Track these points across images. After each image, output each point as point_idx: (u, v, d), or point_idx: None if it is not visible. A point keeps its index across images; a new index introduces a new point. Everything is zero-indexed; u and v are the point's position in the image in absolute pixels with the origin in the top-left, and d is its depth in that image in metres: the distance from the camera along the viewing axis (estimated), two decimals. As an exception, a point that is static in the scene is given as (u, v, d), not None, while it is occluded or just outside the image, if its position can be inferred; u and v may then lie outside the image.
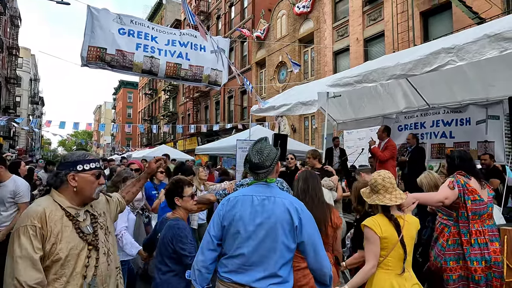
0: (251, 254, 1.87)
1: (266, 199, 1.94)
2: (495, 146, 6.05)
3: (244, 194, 2.00)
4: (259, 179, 2.01)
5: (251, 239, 1.88)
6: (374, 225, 2.26)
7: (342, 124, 9.08)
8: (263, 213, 1.90)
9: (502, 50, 3.40)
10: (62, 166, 1.78)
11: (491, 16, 8.67)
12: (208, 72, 6.10)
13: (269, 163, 1.97)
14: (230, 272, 1.90)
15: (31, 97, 44.43)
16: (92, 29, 5.14)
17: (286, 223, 1.88)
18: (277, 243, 1.87)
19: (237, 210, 1.94)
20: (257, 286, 1.84)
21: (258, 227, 1.89)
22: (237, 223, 1.91)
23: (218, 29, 25.92)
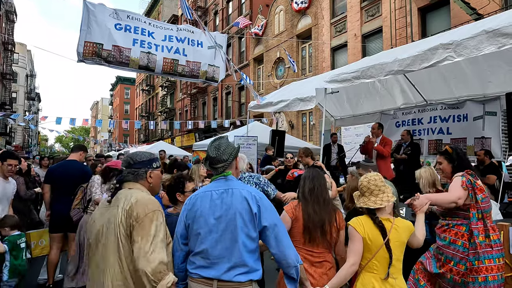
0: (214, 248, 1.90)
1: (224, 192, 1.97)
2: (492, 142, 6.08)
3: (204, 191, 2.04)
4: (218, 174, 2.05)
5: (212, 233, 1.91)
6: (357, 225, 2.25)
7: (340, 120, 9.08)
8: (222, 206, 1.93)
9: (500, 46, 3.39)
10: (139, 164, 1.97)
11: (489, 12, 8.66)
12: (205, 68, 6.08)
13: (226, 157, 2.03)
14: (198, 268, 1.93)
15: (27, 93, 44.14)
16: (88, 25, 5.09)
17: (246, 212, 1.90)
18: (238, 233, 1.88)
19: (197, 207, 1.98)
20: (225, 278, 1.86)
21: (217, 220, 1.92)
22: (198, 220, 1.95)
23: (215, 25, 25.78)
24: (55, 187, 4.31)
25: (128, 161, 1.98)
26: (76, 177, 4.26)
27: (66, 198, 4.17)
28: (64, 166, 4.43)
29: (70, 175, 4.26)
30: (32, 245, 4.57)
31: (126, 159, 2.01)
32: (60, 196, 4.24)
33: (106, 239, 1.79)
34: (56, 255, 4.26)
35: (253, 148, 8.54)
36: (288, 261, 1.92)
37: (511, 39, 3.32)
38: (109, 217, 1.82)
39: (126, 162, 1.98)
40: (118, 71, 68.07)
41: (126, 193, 1.86)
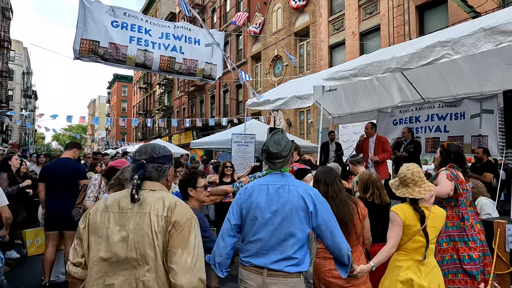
0: (268, 239, 2.01)
1: (281, 187, 2.06)
2: (489, 140, 6.08)
3: (260, 183, 2.12)
4: (275, 169, 2.12)
5: (268, 225, 2.02)
6: (399, 211, 2.47)
7: (338, 118, 9.08)
8: (279, 200, 2.02)
9: (498, 44, 3.39)
10: (163, 158, 1.70)
11: (486, 10, 8.67)
12: (203, 66, 6.06)
13: (285, 153, 2.10)
14: (250, 256, 2.05)
15: (23, 91, 43.89)
16: (84, 22, 5.06)
17: (301, 210, 2.00)
18: (293, 228, 1.99)
19: (253, 198, 2.06)
20: (274, 267, 1.98)
21: (273, 214, 2.01)
22: (255, 211, 2.05)
23: (213, 23, 25.70)
24: (50, 186, 4.28)
25: (150, 154, 1.66)
26: (69, 175, 4.23)
27: (61, 196, 4.14)
28: (57, 164, 4.39)
29: (64, 173, 4.23)
30: (28, 244, 4.55)
31: (146, 150, 1.68)
32: (54, 194, 4.22)
33: (139, 253, 1.50)
34: (51, 253, 4.24)
35: (250, 146, 8.53)
36: (341, 251, 2.06)
37: (508, 36, 3.32)
38: (138, 225, 1.51)
39: (148, 154, 1.66)
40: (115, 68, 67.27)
41: (154, 196, 1.58)
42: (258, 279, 2.01)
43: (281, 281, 1.99)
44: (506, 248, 2.90)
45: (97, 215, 1.58)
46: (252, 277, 2.03)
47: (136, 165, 1.62)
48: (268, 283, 1.99)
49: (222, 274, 2.10)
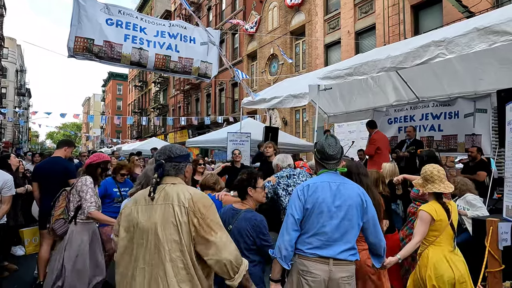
0: (334, 231, 2.21)
1: (340, 184, 2.30)
2: (482, 139, 6.14)
3: (321, 181, 2.31)
4: (330, 169, 2.36)
5: (333, 219, 2.22)
6: (431, 210, 2.69)
7: (333, 117, 9.11)
8: (341, 196, 2.25)
9: (491, 44, 3.42)
10: (180, 158, 1.91)
11: (480, 10, 8.73)
12: (198, 65, 6.04)
13: (339, 155, 2.37)
14: (315, 248, 2.22)
15: (17, 89, 43.46)
16: (79, 19, 5.01)
17: (358, 205, 2.26)
18: (353, 221, 2.25)
19: (318, 194, 2.25)
20: (340, 257, 2.21)
21: (337, 208, 2.23)
22: (321, 205, 2.23)
23: (208, 21, 25.62)
24: (42, 185, 4.24)
25: (168, 154, 1.89)
26: (59, 174, 4.16)
27: (52, 195, 4.05)
28: (48, 163, 4.34)
29: (55, 172, 4.17)
30: (26, 243, 4.53)
31: (164, 152, 1.91)
32: (47, 193, 4.14)
33: (164, 237, 1.70)
34: (46, 251, 4.20)
35: (246, 144, 8.53)
36: (381, 243, 2.34)
37: (501, 36, 3.35)
38: (164, 215, 1.72)
39: (165, 155, 1.89)
40: (110, 66, 66.60)
41: (175, 189, 1.80)
42: (325, 268, 2.19)
43: (345, 268, 2.23)
44: (498, 246, 2.92)
45: (127, 210, 1.83)
46: (318, 267, 2.20)
47: (157, 165, 1.86)
48: (334, 272, 2.20)
49: (288, 266, 2.24)
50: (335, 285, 2.20)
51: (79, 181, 3.29)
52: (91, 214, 3.18)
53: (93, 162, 3.40)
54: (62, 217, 3.25)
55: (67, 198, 3.31)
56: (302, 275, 2.23)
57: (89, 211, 3.17)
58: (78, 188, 3.27)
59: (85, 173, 3.40)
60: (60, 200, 3.33)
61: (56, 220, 3.25)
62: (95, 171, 3.43)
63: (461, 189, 4.26)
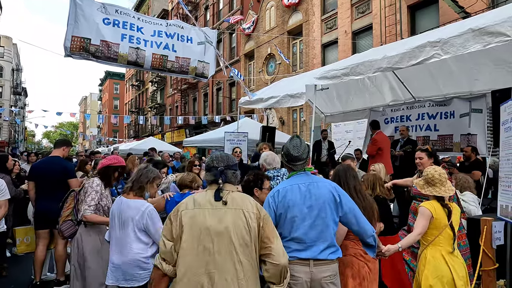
0: (308, 233, 2.23)
1: (310, 184, 2.30)
2: (477, 139, 6.19)
3: (289, 184, 2.33)
4: (298, 170, 2.38)
5: (306, 220, 2.24)
6: (430, 207, 2.75)
7: (330, 117, 9.14)
8: (311, 196, 2.26)
9: (486, 44, 3.45)
10: (235, 166, 2.02)
11: (476, 10, 8.78)
12: (195, 64, 6.05)
13: (305, 156, 2.38)
14: (294, 251, 2.23)
15: (13, 88, 43.18)
16: (75, 19, 5.01)
17: (332, 201, 2.27)
18: (328, 219, 2.25)
19: (288, 198, 2.27)
20: (320, 257, 2.22)
21: (309, 209, 2.24)
22: (292, 209, 2.25)
23: (206, 20, 25.59)
24: (39, 184, 4.21)
25: (227, 162, 1.98)
26: (58, 174, 4.15)
27: (50, 195, 4.06)
28: (46, 163, 4.33)
29: (53, 172, 4.15)
30: (18, 242, 4.49)
31: (222, 159, 1.99)
32: (43, 193, 4.16)
33: (236, 241, 1.78)
34: (42, 252, 4.19)
35: (243, 144, 8.54)
36: (367, 232, 2.33)
37: (496, 37, 3.38)
38: (235, 220, 1.80)
39: (224, 162, 1.97)
40: (106, 66, 66.41)
41: (240, 196, 1.93)
42: (305, 269, 2.21)
43: (326, 268, 2.24)
44: (492, 245, 2.96)
45: (190, 212, 1.84)
46: (299, 269, 2.22)
47: (218, 172, 1.93)
48: (315, 272, 2.21)
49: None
50: (318, 285, 2.22)
51: (87, 184, 3.20)
52: (85, 218, 3.08)
53: (112, 164, 3.25)
54: (70, 219, 3.16)
55: (76, 199, 3.21)
56: None
57: (84, 214, 3.07)
58: (85, 189, 3.19)
59: (97, 174, 3.28)
60: (68, 201, 3.23)
61: (64, 221, 3.16)
62: (112, 174, 3.27)
63: (463, 186, 4.24)
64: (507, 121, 3.25)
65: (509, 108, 3.24)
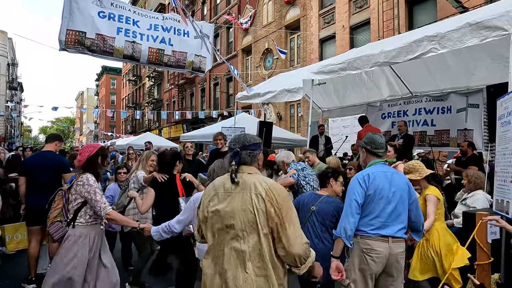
0: (391, 214, 2.57)
1: (393, 174, 2.68)
2: (474, 134, 6.21)
3: (377, 171, 2.66)
4: (380, 160, 2.73)
5: (391, 203, 2.58)
6: (435, 192, 3.28)
7: (327, 112, 9.13)
8: (395, 184, 2.62)
9: (483, 39, 3.45)
10: (253, 146, 1.93)
11: (474, 5, 8.76)
12: (192, 59, 6.00)
13: (385, 145, 2.81)
14: (377, 229, 2.56)
15: (9, 83, 42.81)
16: (70, 12, 4.95)
17: (406, 190, 2.66)
18: (405, 205, 2.64)
19: (378, 182, 2.59)
20: (397, 235, 2.58)
21: (393, 194, 2.59)
22: (381, 192, 2.58)
23: (203, 15, 25.42)
24: (31, 179, 4.13)
25: (242, 143, 1.91)
26: (52, 168, 4.10)
27: (43, 190, 3.93)
28: (38, 158, 4.25)
29: (46, 166, 4.09)
30: (7, 239, 4.32)
31: (238, 140, 1.93)
32: (36, 188, 4.07)
33: (242, 223, 1.77)
34: (35, 248, 4.12)
35: (240, 139, 8.52)
36: (421, 220, 2.74)
37: (493, 32, 3.37)
38: (242, 202, 1.78)
39: (239, 143, 1.90)
40: (103, 60, 65.61)
41: (252, 178, 1.84)
42: (385, 245, 2.55)
43: (400, 245, 2.62)
44: (487, 239, 2.97)
45: (208, 197, 1.91)
46: (381, 244, 2.55)
47: (233, 153, 1.89)
48: (393, 248, 2.57)
49: (350, 244, 2.57)
50: (394, 259, 2.58)
51: (80, 182, 2.84)
52: (109, 215, 2.82)
53: (91, 154, 2.93)
54: (59, 220, 2.82)
55: (64, 198, 2.86)
56: (366, 253, 2.58)
57: (106, 213, 2.80)
58: (80, 188, 2.82)
59: (83, 172, 2.92)
60: (56, 201, 2.88)
61: (52, 222, 2.81)
62: (95, 163, 2.96)
63: (475, 183, 4.11)
64: (504, 116, 3.25)
65: (505, 103, 3.24)
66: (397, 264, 2.61)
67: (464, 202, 4.15)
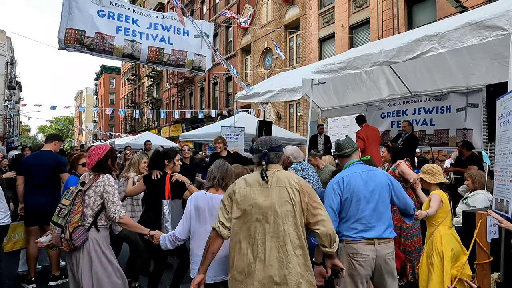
0: (372, 214, 2.53)
1: (369, 172, 2.65)
2: (473, 134, 6.21)
3: (351, 172, 2.64)
4: (353, 160, 2.75)
5: (370, 203, 2.54)
6: (440, 194, 3.26)
7: (327, 111, 9.13)
8: (372, 182, 2.59)
9: (483, 38, 3.44)
10: (278, 147, 2.23)
11: (473, 5, 8.76)
12: (192, 57, 5.99)
13: (352, 144, 2.81)
14: (360, 232, 2.52)
15: (7, 82, 42.70)
16: (69, 10, 4.94)
17: (387, 186, 2.62)
18: (386, 202, 2.60)
19: (353, 184, 2.57)
20: (384, 236, 2.53)
21: (372, 193, 2.56)
22: (358, 193, 2.55)
23: (202, 14, 25.38)
24: (29, 179, 4.10)
25: (269, 145, 2.20)
26: (50, 168, 4.07)
27: (41, 190, 3.99)
28: (37, 157, 4.21)
29: (44, 166, 4.07)
30: (5, 240, 4.25)
31: (265, 143, 2.21)
32: (34, 187, 4.05)
33: (282, 213, 2.04)
34: (34, 248, 4.08)
35: (240, 139, 8.52)
36: (410, 205, 2.71)
37: (493, 31, 3.37)
38: (280, 196, 2.06)
39: (267, 145, 2.19)
40: (102, 59, 65.41)
41: (283, 174, 2.15)
42: (371, 248, 2.51)
43: (388, 245, 2.56)
44: (487, 238, 2.98)
45: (242, 191, 2.11)
46: (366, 248, 2.51)
47: (262, 154, 2.17)
48: (380, 250, 2.52)
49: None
50: (382, 261, 2.54)
51: (100, 182, 2.74)
52: (122, 219, 2.71)
53: (100, 157, 2.79)
54: (80, 224, 2.66)
55: (83, 201, 2.72)
56: (352, 258, 2.54)
57: (120, 216, 2.70)
58: (101, 189, 2.72)
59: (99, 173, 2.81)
60: (76, 204, 2.69)
61: (74, 228, 2.61)
62: (106, 166, 2.83)
63: (480, 182, 4.16)
64: (503, 115, 3.25)
65: (505, 102, 3.24)
66: (386, 265, 2.55)
67: (465, 201, 4.17)
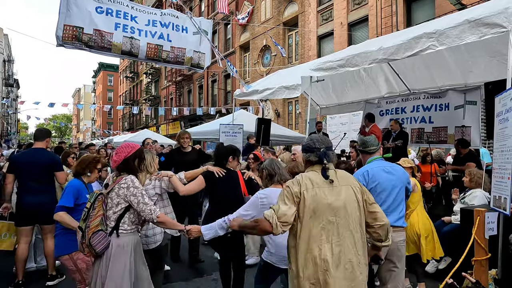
0: (391, 204, 2.85)
1: (390, 167, 2.96)
2: (471, 131, 6.23)
3: (375, 166, 2.93)
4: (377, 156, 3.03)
5: (390, 195, 2.86)
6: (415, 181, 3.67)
7: (325, 109, 9.13)
8: (393, 177, 2.90)
9: (481, 36, 3.45)
10: (332, 147, 2.27)
11: (472, 2, 8.77)
12: (191, 55, 5.97)
13: (377, 143, 3.09)
14: None
15: (5, 79, 42.54)
16: (67, 7, 4.91)
17: (406, 182, 2.97)
18: (403, 195, 2.93)
19: (377, 176, 2.86)
20: (397, 224, 2.84)
21: (393, 186, 2.87)
22: (381, 185, 2.85)
23: (201, 11, 25.28)
24: (21, 177, 3.94)
25: (327, 144, 2.20)
26: (44, 166, 3.93)
27: (34, 188, 3.86)
28: (29, 155, 4.05)
29: (38, 164, 3.91)
30: None
31: (324, 141, 2.19)
32: (26, 186, 3.90)
33: (352, 212, 2.05)
34: (24, 250, 3.94)
35: (238, 136, 8.51)
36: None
37: (492, 29, 3.38)
38: (348, 195, 2.06)
39: (324, 143, 2.17)
40: (100, 56, 65.34)
41: (344, 173, 2.18)
42: None
43: (400, 233, 2.88)
44: (485, 235, 2.99)
45: (311, 192, 2.03)
46: None
47: (322, 153, 2.12)
48: (394, 236, 2.66)
49: None
50: (395, 247, 2.81)
51: (124, 184, 2.55)
52: (159, 218, 2.59)
53: (128, 155, 2.62)
54: (101, 229, 2.48)
55: (104, 203, 2.56)
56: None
57: (157, 215, 2.58)
58: (125, 191, 2.54)
59: (121, 172, 2.64)
60: (96, 207, 2.52)
61: (93, 233, 2.44)
62: (131, 166, 2.64)
63: (477, 182, 4.22)
64: (502, 113, 3.26)
65: (503, 100, 3.25)
66: (398, 251, 2.85)
67: (462, 200, 4.19)
